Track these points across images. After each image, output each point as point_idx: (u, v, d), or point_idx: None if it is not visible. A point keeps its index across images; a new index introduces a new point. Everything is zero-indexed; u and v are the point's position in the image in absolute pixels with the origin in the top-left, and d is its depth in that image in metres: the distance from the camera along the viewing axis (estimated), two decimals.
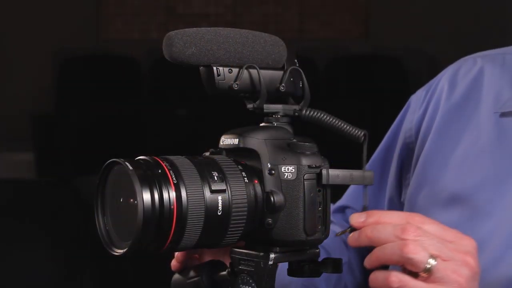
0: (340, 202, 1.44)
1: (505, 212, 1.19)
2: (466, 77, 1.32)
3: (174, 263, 1.12)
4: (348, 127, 1.03)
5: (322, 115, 1.04)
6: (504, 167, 1.21)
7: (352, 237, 1.02)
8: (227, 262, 1.07)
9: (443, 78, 1.34)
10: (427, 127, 1.32)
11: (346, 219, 1.40)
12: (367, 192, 1.04)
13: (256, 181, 1.00)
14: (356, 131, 1.03)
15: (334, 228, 1.12)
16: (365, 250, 1.35)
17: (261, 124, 1.06)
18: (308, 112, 1.04)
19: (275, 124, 1.05)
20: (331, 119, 1.04)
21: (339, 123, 1.04)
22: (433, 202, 1.26)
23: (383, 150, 1.39)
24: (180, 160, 0.98)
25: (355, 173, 1.03)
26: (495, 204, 1.20)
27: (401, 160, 1.35)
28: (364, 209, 1.04)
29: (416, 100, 1.36)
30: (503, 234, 1.18)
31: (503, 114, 1.24)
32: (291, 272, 1.05)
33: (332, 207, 1.41)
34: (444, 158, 1.28)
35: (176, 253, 1.12)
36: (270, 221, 1.00)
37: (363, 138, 1.02)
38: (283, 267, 1.05)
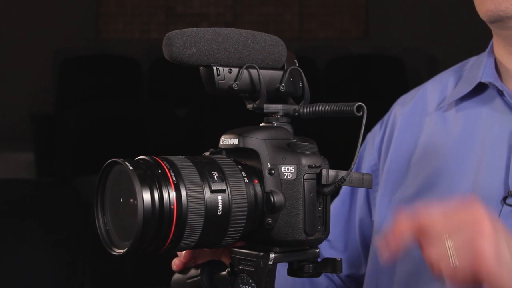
0: None
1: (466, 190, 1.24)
2: (413, 96, 1.40)
3: (176, 263, 1.12)
4: (342, 107, 1.02)
5: (318, 106, 1.04)
6: (454, 156, 1.27)
7: None
8: (227, 262, 1.07)
9: (395, 106, 1.42)
10: (388, 141, 1.39)
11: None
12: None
13: (256, 181, 1.00)
14: (350, 107, 1.01)
15: None
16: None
17: (261, 124, 1.06)
18: (306, 109, 1.04)
19: (275, 124, 1.05)
20: (326, 106, 1.04)
21: (335, 107, 1.03)
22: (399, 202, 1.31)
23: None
24: (180, 160, 0.98)
25: (355, 175, 1.03)
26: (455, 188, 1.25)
27: None
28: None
29: (373, 135, 1.43)
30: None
31: (446, 109, 1.33)
32: (291, 272, 1.05)
33: None
34: (405, 164, 1.34)
35: (183, 253, 1.12)
36: (270, 221, 1.00)
37: (356, 109, 1.01)
38: (283, 267, 1.05)
